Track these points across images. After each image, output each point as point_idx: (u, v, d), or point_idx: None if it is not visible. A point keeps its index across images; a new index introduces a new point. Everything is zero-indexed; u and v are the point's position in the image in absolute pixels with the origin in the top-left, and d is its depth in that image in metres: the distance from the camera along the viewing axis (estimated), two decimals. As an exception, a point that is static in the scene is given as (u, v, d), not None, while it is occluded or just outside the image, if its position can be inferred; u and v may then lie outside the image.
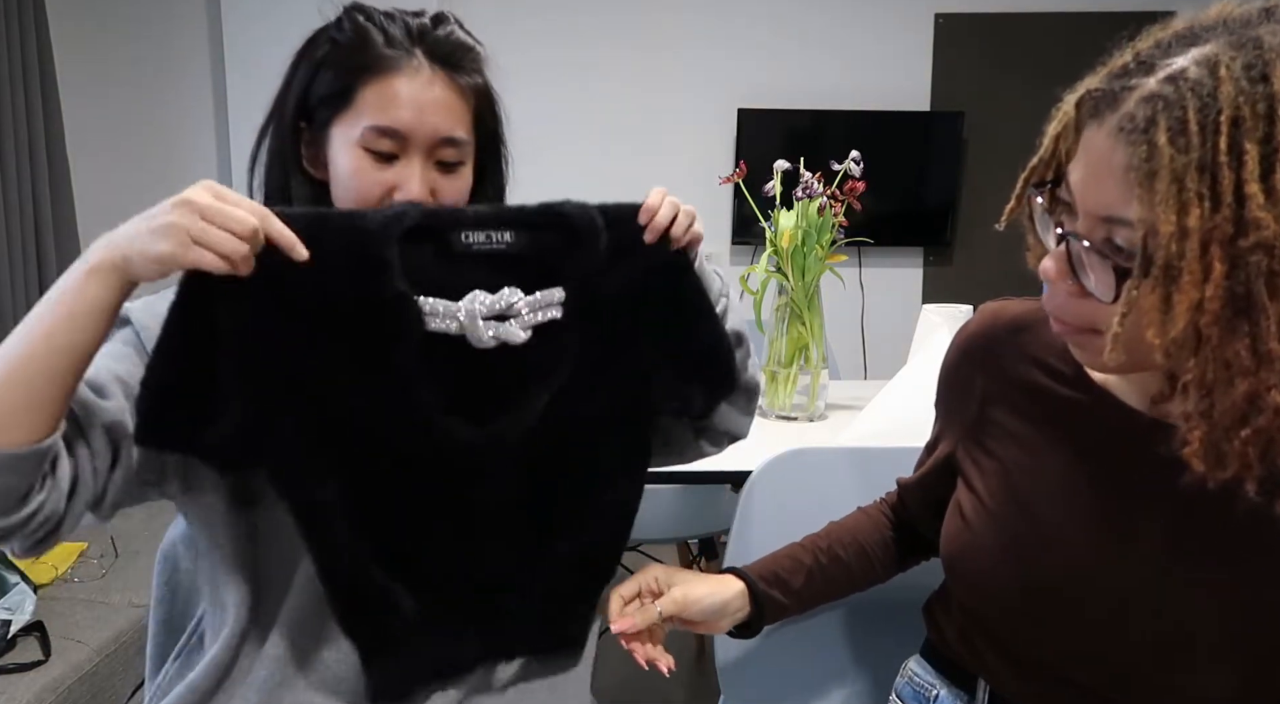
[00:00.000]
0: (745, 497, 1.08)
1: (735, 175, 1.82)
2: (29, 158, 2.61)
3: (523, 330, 0.74)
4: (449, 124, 0.80)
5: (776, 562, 0.92)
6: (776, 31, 3.17)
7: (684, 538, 2.14)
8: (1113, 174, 0.56)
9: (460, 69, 0.82)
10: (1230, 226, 0.51)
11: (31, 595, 1.55)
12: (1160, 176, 0.52)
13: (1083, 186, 0.59)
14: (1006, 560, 0.73)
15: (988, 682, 0.79)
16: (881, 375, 1.90)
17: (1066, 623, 0.71)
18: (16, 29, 2.56)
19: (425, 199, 0.80)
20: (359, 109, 0.79)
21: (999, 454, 0.77)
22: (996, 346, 0.79)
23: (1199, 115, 0.52)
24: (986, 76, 3.12)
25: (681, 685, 2.19)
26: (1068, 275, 0.61)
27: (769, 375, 1.76)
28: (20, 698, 1.38)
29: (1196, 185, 0.52)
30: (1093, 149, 0.58)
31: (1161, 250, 0.53)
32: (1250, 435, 0.54)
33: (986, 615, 0.77)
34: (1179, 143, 0.52)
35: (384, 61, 0.78)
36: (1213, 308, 0.52)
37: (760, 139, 3.12)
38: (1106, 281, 0.58)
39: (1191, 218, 0.52)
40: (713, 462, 1.51)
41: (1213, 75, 0.52)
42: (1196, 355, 0.54)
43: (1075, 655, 0.71)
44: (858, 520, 0.96)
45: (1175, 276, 0.53)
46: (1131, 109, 0.55)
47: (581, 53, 3.16)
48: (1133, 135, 0.54)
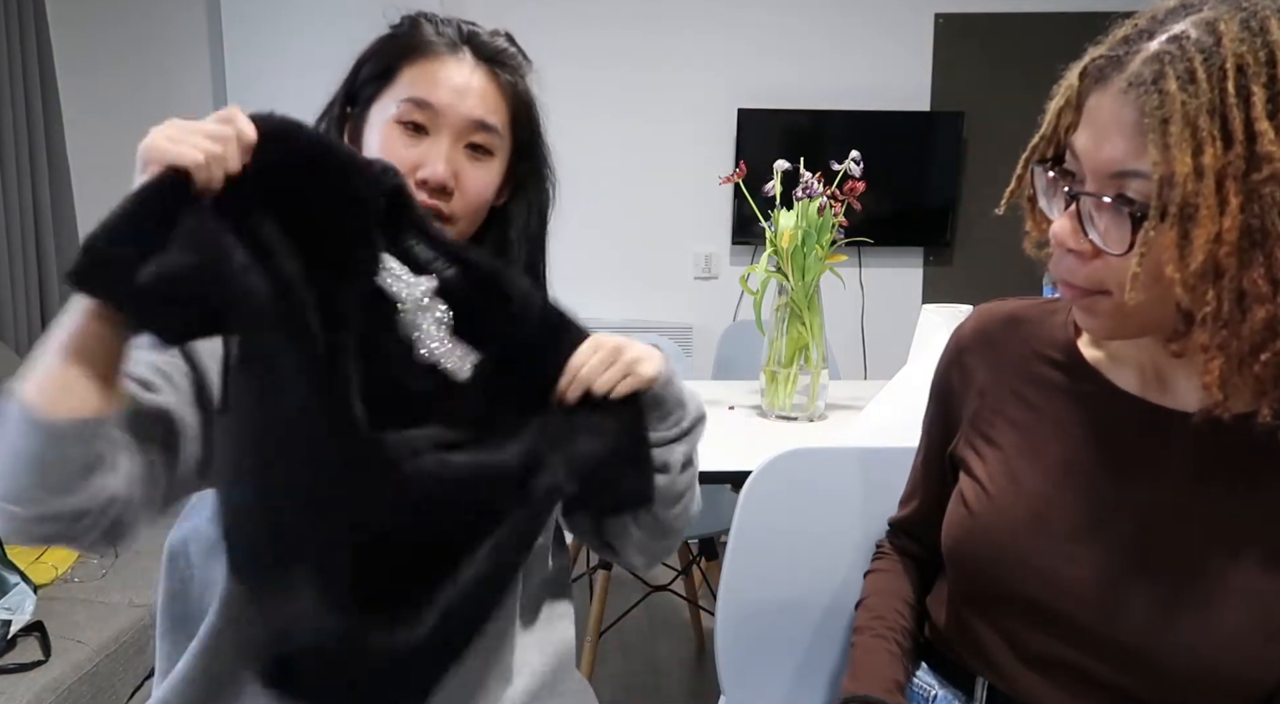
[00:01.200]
0: (745, 497, 1.08)
1: (735, 175, 1.82)
2: (29, 158, 2.61)
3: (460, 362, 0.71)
4: (482, 109, 0.83)
5: (878, 667, 0.85)
6: (776, 32, 3.17)
7: (684, 538, 2.14)
8: (1122, 130, 0.59)
9: (502, 67, 0.85)
10: (1243, 162, 0.55)
11: (31, 595, 1.55)
12: (1174, 121, 0.55)
13: (1092, 147, 0.61)
14: (1005, 542, 0.74)
15: (987, 677, 0.79)
16: (881, 375, 1.90)
17: (1061, 600, 0.71)
18: (17, 29, 2.56)
19: (448, 180, 0.81)
20: (398, 86, 0.82)
21: (999, 441, 0.79)
22: (995, 339, 0.82)
23: (1205, 65, 0.55)
24: (986, 76, 3.12)
25: (681, 685, 2.19)
26: (1079, 234, 0.63)
27: (769, 375, 1.76)
28: (20, 698, 1.38)
29: (1209, 126, 0.55)
30: (1100, 111, 0.61)
31: (1178, 190, 0.56)
32: (1269, 359, 0.58)
33: (986, 603, 0.77)
34: (1189, 89, 0.55)
35: (429, 46, 0.83)
36: (1230, 239, 0.56)
37: (760, 139, 3.12)
38: (1119, 234, 0.60)
39: (1207, 156, 0.55)
40: (713, 462, 1.51)
41: (1213, 33, 0.56)
42: (1215, 286, 0.57)
43: (1072, 635, 0.72)
44: (887, 583, 0.94)
45: (1192, 213, 0.56)
46: (1138, 68, 0.58)
47: (581, 53, 3.16)
48: (1142, 89, 0.57)
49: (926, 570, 0.95)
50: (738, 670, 1.10)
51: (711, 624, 1.29)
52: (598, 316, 3.20)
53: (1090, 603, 0.70)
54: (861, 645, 0.88)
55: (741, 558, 1.08)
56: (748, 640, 1.09)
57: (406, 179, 0.74)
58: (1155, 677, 0.68)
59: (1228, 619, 0.66)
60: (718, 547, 2.22)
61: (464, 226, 0.85)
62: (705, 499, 2.29)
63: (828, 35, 3.17)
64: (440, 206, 0.82)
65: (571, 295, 1.02)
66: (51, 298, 2.69)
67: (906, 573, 0.94)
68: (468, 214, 0.85)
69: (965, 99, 3.13)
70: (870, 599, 0.92)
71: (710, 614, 1.34)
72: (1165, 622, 0.67)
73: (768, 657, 1.10)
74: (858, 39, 3.18)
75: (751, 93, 3.16)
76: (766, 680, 1.10)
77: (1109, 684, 0.71)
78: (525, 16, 3.13)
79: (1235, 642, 0.65)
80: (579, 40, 3.16)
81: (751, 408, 1.87)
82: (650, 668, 2.23)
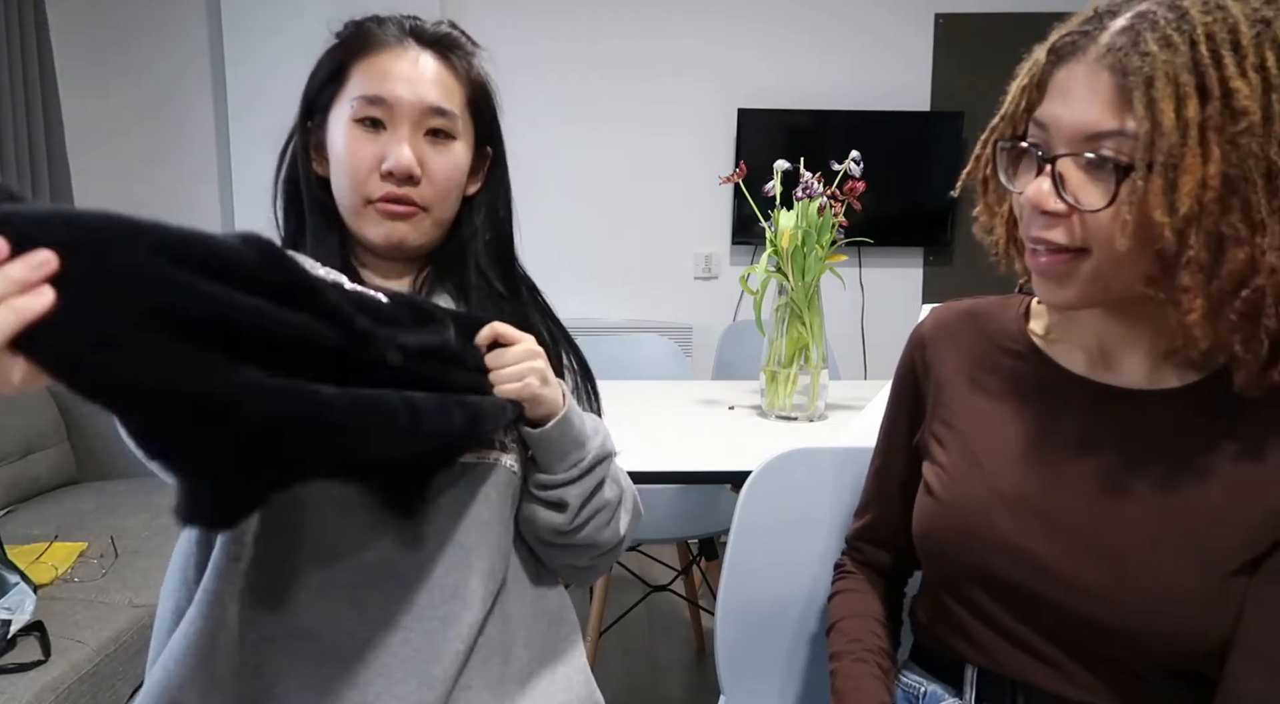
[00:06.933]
0: (745, 497, 1.08)
1: (735, 175, 1.82)
2: (29, 158, 2.61)
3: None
4: (436, 94, 0.83)
5: (864, 692, 0.85)
6: (777, 31, 3.17)
7: (684, 538, 2.14)
8: (1099, 93, 0.63)
9: (451, 50, 0.85)
10: (1219, 117, 0.60)
11: (31, 595, 1.55)
12: (1158, 77, 0.60)
13: (1065, 114, 0.65)
14: (969, 522, 0.78)
15: (975, 661, 0.80)
16: (881, 375, 1.90)
17: (1024, 574, 0.74)
18: (17, 29, 2.56)
19: (412, 168, 0.81)
20: (350, 86, 0.83)
21: (960, 427, 0.83)
22: (953, 332, 0.86)
23: (1177, 32, 0.61)
24: (986, 76, 3.11)
25: (681, 685, 2.19)
26: (1055, 195, 0.66)
27: (769, 375, 1.76)
28: (20, 698, 1.37)
29: (1189, 82, 0.60)
30: (1073, 80, 0.65)
31: (1165, 140, 0.60)
32: (1248, 296, 0.63)
33: (961, 585, 0.79)
34: (1167, 50, 0.60)
35: (375, 41, 0.83)
36: (1214, 185, 0.60)
37: (760, 139, 3.12)
38: (1098, 190, 0.64)
39: (1189, 109, 0.60)
40: (712, 462, 1.51)
41: (1176, 9, 0.62)
42: (1197, 230, 0.62)
43: (1041, 608, 0.74)
44: (856, 604, 0.93)
45: (1178, 162, 0.60)
46: (1110, 39, 0.63)
47: (582, 52, 3.16)
48: (1121, 53, 0.62)
49: (892, 580, 0.96)
50: (737, 670, 1.10)
51: (711, 624, 1.29)
52: (598, 316, 3.20)
53: (1051, 574, 0.73)
54: (843, 672, 0.87)
55: (741, 558, 1.08)
56: (747, 640, 1.09)
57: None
58: (1122, 641, 0.71)
59: (1180, 578, 0.69)
60: (718, 547, 2.22)
61: (438, 214, 0.86)
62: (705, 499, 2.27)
63: (828, 35, 3.18)
64: (411, 195, 0.83)
65: (572, 295, 1.02)
66: (51, 298, 2.69)
67: (874, 589, 0.94)
68: (439, 200, 0.85)
69: (965, 99, 3.14)
70: (843, 622, 0.91)
71: (710, 614, 1.34)
72: (1122, 586, 0.70)
73: (767, 657, 1.10)
74: (858, 39, 3.18)
75: (751, 93, 3.16)
76: (766, 680, 1.10)
77: (1082, 648, 0.74)
78: (525, 19, 3.13)
79: (1190, 597, 0.68)
80: (579, 41, 3.16)
81: (751, 408, 1.87)
82: (650, 668, 2.23)
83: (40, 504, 2.15)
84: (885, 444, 0.93)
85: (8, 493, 2.11)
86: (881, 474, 0.93)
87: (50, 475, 2.26)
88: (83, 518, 2.01)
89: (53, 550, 1.82)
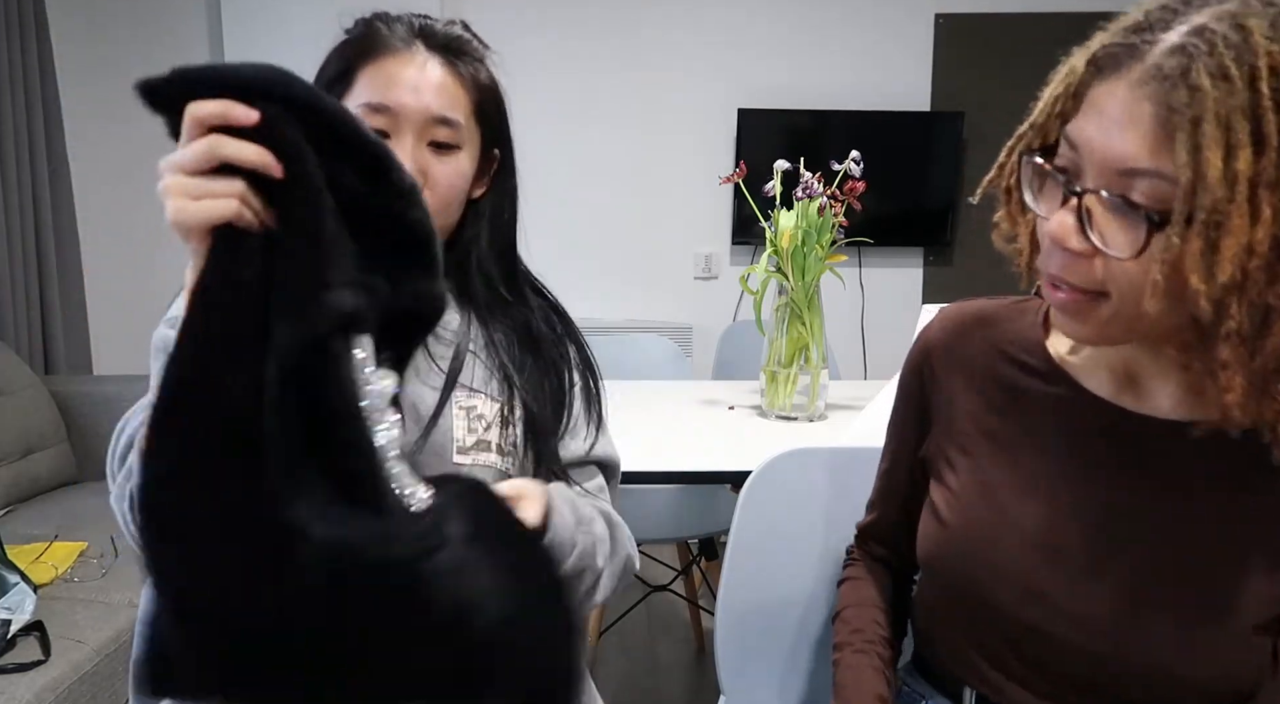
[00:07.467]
0: (745, 497, 1.08)
1: (735, 175, 1.82)
2: (29, 158, 2.61)
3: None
4: (441, 103, 0.82)
5: (865, 684, 0.83)
6: (777, 31, 3.17)
7: (684, 538, 2.14)
8: (1138, 125, 0.54)
9: (459, 57, 0.84)
10: (1276, 171, 0.52)
11: (31, 595, 1.55)
12: (1207, 120, 0.51)
13: (1099, 139, 0.57)
14: (978, 553, 0.74)
15: (974, 686, 0.78)
16: (881, 375, 1.90)
17: (1033, 610, 0.71)
18: (17, 29, 2.56)
19: (417, 179, 0.80)
20: (356, 91, 0.82)
21: (970, 449, 0.77)
22: (962, 341, 0.80)
23: (1236, 63, 0.52)
24: (986, 76, 3.12)
25: (681, 685, 2.19)
26: (1081, 234, 0.58)
27: (769, 375, 1.76)
28: (20, 698, 1.37)
29: (1243, 129, 0.51)
30: (1112, 101, 0.56)
31: (1207, 195, 0.52)
32: None
33: (964, 613, 0.77)
34: (1221, 87, 0.51)
35: (383, 45, 0.82)
36: (1261, 252, 0.52)
37: (760, 139, 3.12)
38: (1126, 237, 0.56)
39: (1240, 161, 0.51)
40: (712, 462, 1.51)
41: (1238, 29, 0.52)
42: (1239, 300, 0.54)
43: (1048, 644, 0.71)
44: (861, 592, 0.92)
45: (1222, 221, 0.52)
46: (1159, 59, 0.54)
47: (582, 52, 3.16)
48: (1167, 83, 0.53)
49: (899, 574, 0.94)
50: (737, 670, 1.10)
51: (711, 624, 1.29)
52: (598, 317, 3.20)
53: (1063, 612, 0.69)
54: (844, 663, 0.86)
55: (741, 558, 1.08)
56: (748, 640, 1.09)
57: None
58: (1129, 680, 0.68)
59: (1196, 622, 0.65)
60: (718, 547, 2.22)
61: (440, 222, 0.85)
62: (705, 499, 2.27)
63: (828, 35, 3.18)
64: None
65: (572, 295, 1.02)
66: (51, 298, 2.69)
67: (879, 579, 0.92)
68: (441, 209, 0.84)
69: (965, 99, 3.14)
70: (846, 611, 0.90)
71: (710, 614, 1.34)
72: (1135, 626, 0.67)
73: (768, 657, 1.10)
74: (858, 39, 3.18)
75: (751, 93, 3.16)
76: (766, 680, 1.10)
77: (1089, 690, 0.70)
78: (525, 19, 3.13)
79: (1203, 643, 0.65)
80: (579, 42, 3.15)
81: (751, 408, 1.87)
82: (650, 668, 2.23)
83: (40, 504, 2.15)
84: (892, 447, 0.90)
85: (8, 493, 2.11)
86: (889, 476, 0.91)
87: (50, 475, 2.26)
88: (83, 518, 2.01)
89: (53, 550, 1.82)
